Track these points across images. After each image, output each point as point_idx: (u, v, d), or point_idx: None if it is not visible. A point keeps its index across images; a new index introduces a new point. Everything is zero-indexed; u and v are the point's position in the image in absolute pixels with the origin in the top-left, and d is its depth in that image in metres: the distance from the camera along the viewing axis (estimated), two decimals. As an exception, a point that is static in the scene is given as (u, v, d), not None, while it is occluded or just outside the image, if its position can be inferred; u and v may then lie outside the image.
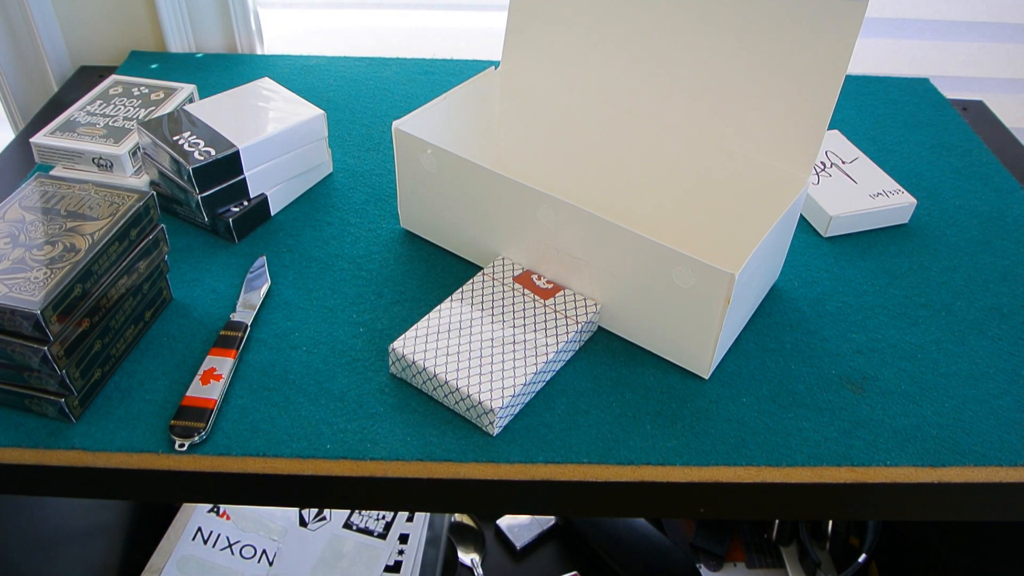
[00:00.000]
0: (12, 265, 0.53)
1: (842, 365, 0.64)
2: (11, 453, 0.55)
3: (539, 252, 0.65)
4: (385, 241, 0.74)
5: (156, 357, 0.62)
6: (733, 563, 1.09)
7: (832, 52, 0.60)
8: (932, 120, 0.96)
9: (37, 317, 0.50)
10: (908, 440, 0.58)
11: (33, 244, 0.54)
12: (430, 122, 0.71)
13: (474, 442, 0.57)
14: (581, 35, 0.71)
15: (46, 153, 0.74)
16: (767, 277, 0.67)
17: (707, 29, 0.65)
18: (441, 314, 0.62)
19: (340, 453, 0.56)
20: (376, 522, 1.03)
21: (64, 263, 0.53)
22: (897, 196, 0.78)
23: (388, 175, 0.82)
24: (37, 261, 0.53)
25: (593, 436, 0.57)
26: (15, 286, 0.51)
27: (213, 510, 1.03)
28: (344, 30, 1.09)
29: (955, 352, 0.66)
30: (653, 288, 0.60)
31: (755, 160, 0.66)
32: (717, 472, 0.56)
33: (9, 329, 0.52)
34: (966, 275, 0.73)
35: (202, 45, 1.03)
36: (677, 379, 0.62)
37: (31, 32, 0.95)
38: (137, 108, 0.79)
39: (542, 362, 0.59)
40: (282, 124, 0.73)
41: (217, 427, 0.57)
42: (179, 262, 0.70)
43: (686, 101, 0.68)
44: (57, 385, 0.55)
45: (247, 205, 0.72)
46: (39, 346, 0.52)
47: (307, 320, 0.65)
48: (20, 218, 0.56)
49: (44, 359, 0.52)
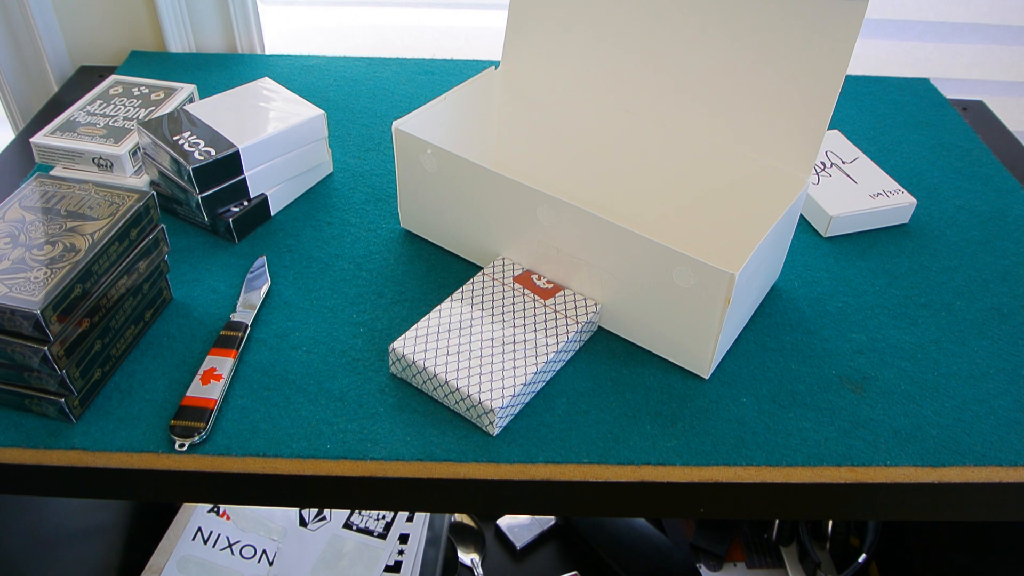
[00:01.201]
0: (12, 265, 0.53)
1: (842, 365, 0.64)
2: (11, 453, 0.55)
3: (539, 252, 0.65)
4: (385, 241, 0.74)
5: (156, 357, 0.62)
6: (733, 563, 1.09)
7: (832, 52, 0.60)
8: (932, 120, 0.96)
9: (37, 317, 0.50)
10: (908, 440, 0.58)
11: (33, 244, 0.54)
12: (430, 122, 0.71)
13: (474, 442, 0.57)
14: (581, 35, 0.71)
15: (46, 153, 0.74)
16: (767, 277, 0.67)
17: (707, 29, 0.65)
18: (441, 314, 0.62)
19: (340, 453, 0.56)
20: (376, 522, 1.03)
21: (64, 263, 0.53)
22: (897, 196, 0.78)
23: (388, 175, 0.82)
24: (37, 261, 0.53)
25: (593, 436, 0.57)
26: (15, 286, 0.51)
27: (213, 510, 1.03)
28: (344, 28, 1.09)
29: (955, 352, 0.66)
30: (653, 288, 0.60)
31: (755, 160, 0.66)
32: (717, 472, 0.56)
33: (9, 329, 0.52)
34: (966, 275, 0.73)
35: (202, 45, 1.03)
36: (677, 379, 0.62)
37: (31, 32, 0.95)
38: (137, 108, 0.79)
39: (542, 362, 0.59)
40: (282, 124, 0.73)
41: (217, 427, 0.57)
42: (179, 262, 0.70)
43: (686, 101, 0.68)
44: (57, 385, 0.55)
45: (247, 205, 0.72)
46: (39, 346, 0.52)
47: (307, 320, 0.65)
48: (20, 218, 0.56)
49: (44, 359, 0.52)
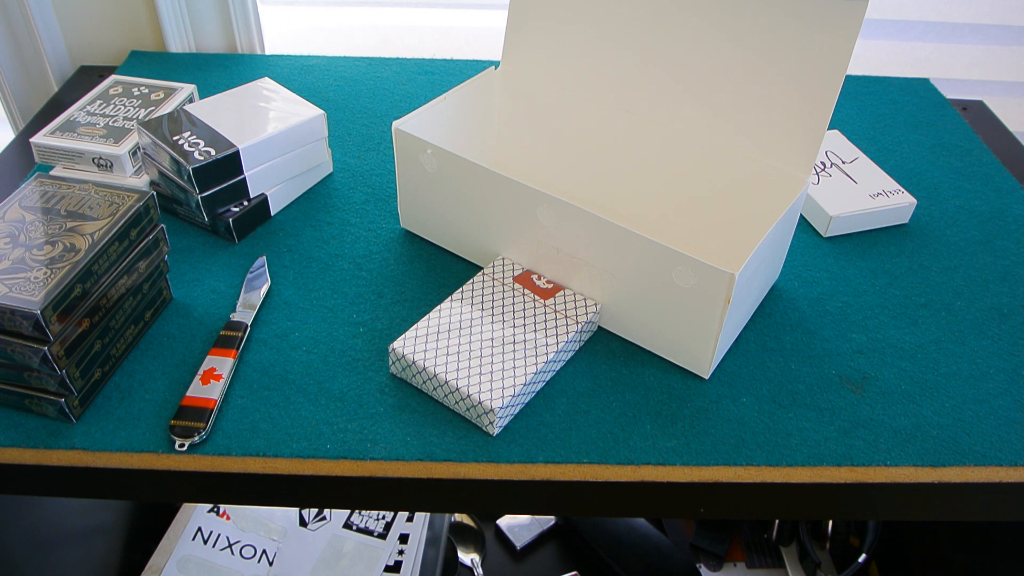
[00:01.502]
0: (12, 265, 0.53)
1: (842, 365, 0.64)
2: (11, 453, 0.55)
3: (539, 252, 0.65)
4: (385, 241, 0.74)
5: (156, 357, 0.62)
6: (733, 563, 1.09)
7: (832, 52, 0.60)
8: (932, 120, 0.96)
9: (37, 317, 0.50)
10: (908, 440, 0.58)
11: (33, 244, 0.54)
12: (430, 122, 0.71)
13: (474, 442, 0.57)
14: (581, 35, 0.71)
15: (46, 153, 0.74)
16: (767, 277, 0.67)
17: (707, 29, 0.65)
18: (441, 314, 0.62)
19: (340, 453, 0.56)
20: (376, 522, 1.03)
21: (64, 263, 0.53)
22: (897, 196, 0.78)
23: (388, 175, 0.82)
24: (37, 261, 0.53)
25: (593, 436, 0.57)
26: (15, 286, 0.51)
27: (213, 510, 1.03)
28: (344, 28, 1.09)
29: (955, 352, 0.66)
30: (653, 288, 0.60)
31: (755, 160, 0.66)
32: (717, 472, 0.56)
33: (9, 329, 0.52)
34: (966, 275, 0.73)
35: (202, 45, 1.03)
36: (677, 379, 0.62)
37: (31, 32, 0.95)
38: (137, 108, 0.79)
39: (542, 362, 0.59)
40: (282, 124, 0.73)
41: (217, 427, 0.57)
42: (179, 262, 0.70)
43: (686, 101, 0.68)
44: (57, 385, 0.55)
45: (247, 205, 0.72)
46: (39, 346, 0.52)
47: (307, 320, 0.65)
48: (20, 218, 0.56)
49: (44, 359, 0.52)
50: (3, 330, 0.53)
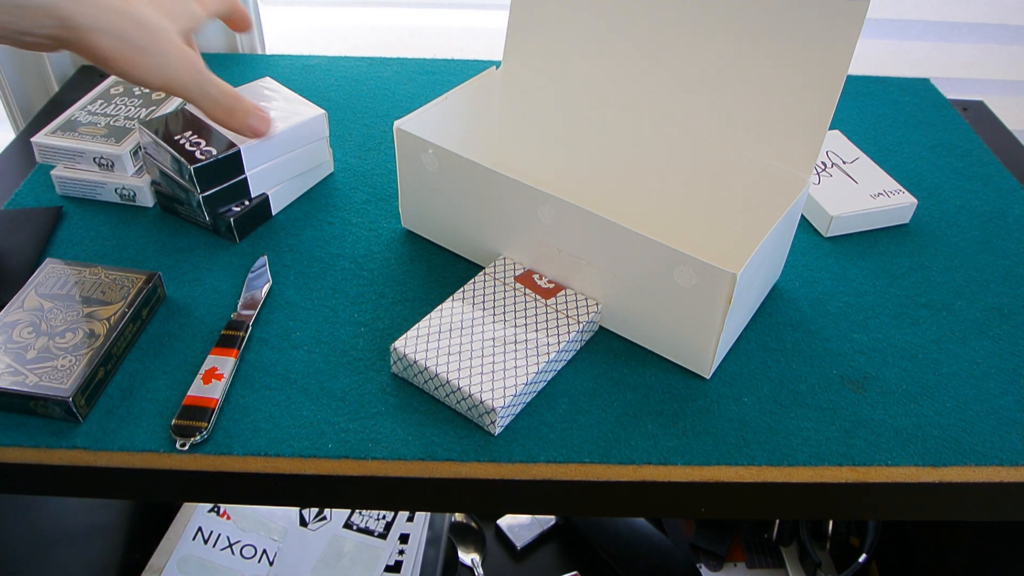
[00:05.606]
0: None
1: (843, 365, 0.64)
2: (13, 452, 0.55)
3: (540, 252, 0.65)
4: (386, 241, 0.74)
5: (157, 356, 0.62)
6: (733, 563, 1.09)
7: (833, 52, 0.60)
8: (933, 120, 0.96)
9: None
10: (909, 440, 0.58)
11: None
12: (431, 121, 0.71)
13: (475, 442, 0.57)
14: (583, 34, 0.71)
15: (47, 152, 0.74)
16: (768, 277, 0.67)
17: (708, 29, 0.65)
18: (442, 314, 0.63)
19: (341, 453, 0.56)
20: (376, 522, 1.03)
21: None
22: (898, 196, 0.78)
23: (389, 175, 0.82)
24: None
25: (594, 436, 0.57)
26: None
27: (213, 510, 1.03)
28: (345, 28, 1.09)
29: (956, 352, 0.66)
30: (654, 288, 0.60)
31: (756, 160, 0.66)
32: (718, 472, 0.56)
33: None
34: (967, 275, 0.73)
35: (203, 45, 1.02)
36: (678, 379, 0.62)
37: (32, 31, 0.95)
38: (138, 107, 0.79)
39: (543, 362, 0.59)
40: (283, 124, 0.73)
41: (218, 426, 0.57)
42: (180, 262, 0.70)
43: (687, 101, 0.68)
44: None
45: (248, 205, 0.72)
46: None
47: (308, 320, 0.65)
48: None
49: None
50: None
